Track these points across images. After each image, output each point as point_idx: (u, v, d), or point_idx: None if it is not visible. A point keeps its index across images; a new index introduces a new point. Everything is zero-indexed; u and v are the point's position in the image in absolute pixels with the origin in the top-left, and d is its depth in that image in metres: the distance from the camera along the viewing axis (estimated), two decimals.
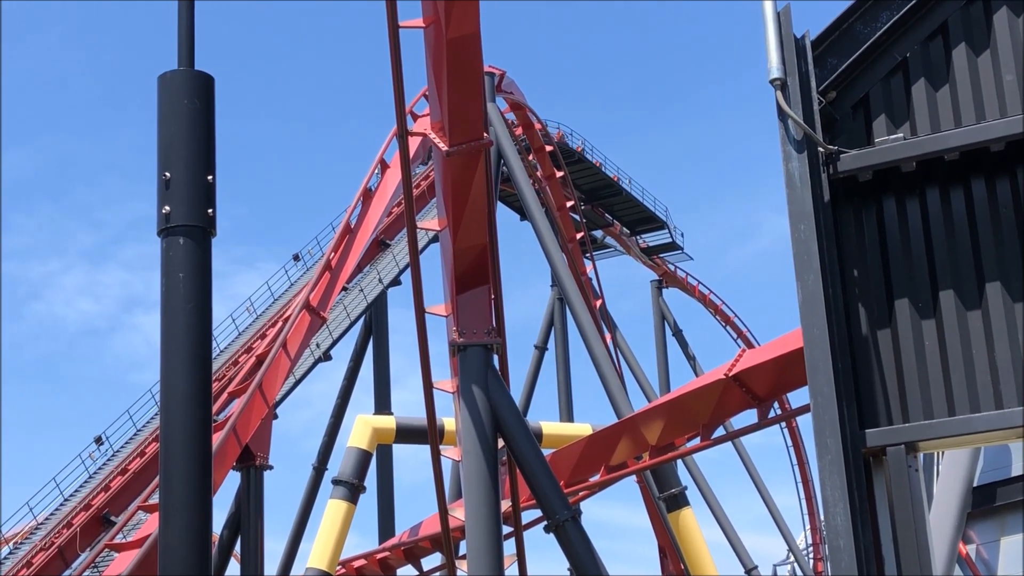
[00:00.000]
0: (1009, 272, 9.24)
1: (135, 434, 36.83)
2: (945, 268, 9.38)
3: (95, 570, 30.39)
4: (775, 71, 9.47)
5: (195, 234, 9.14)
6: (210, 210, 9.21)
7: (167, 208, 9.08)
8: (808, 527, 53.14)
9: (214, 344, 38.22)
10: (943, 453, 17.65)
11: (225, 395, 25.71)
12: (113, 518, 32.11)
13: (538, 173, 35.24)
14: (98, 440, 36.66)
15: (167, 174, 9.10)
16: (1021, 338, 9.10)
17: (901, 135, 9.56)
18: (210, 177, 9.23)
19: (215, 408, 25.84)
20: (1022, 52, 9.49)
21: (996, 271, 9.27)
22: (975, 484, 17.67)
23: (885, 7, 9.76)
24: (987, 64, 9.55)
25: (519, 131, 35.11)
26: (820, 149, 9.53)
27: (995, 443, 12.33)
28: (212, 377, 9.07)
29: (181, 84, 9.37)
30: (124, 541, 23.68)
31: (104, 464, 35.98)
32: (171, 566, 8.33)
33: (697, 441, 20.19)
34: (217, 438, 22.73)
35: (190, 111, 9.24)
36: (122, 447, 36.52)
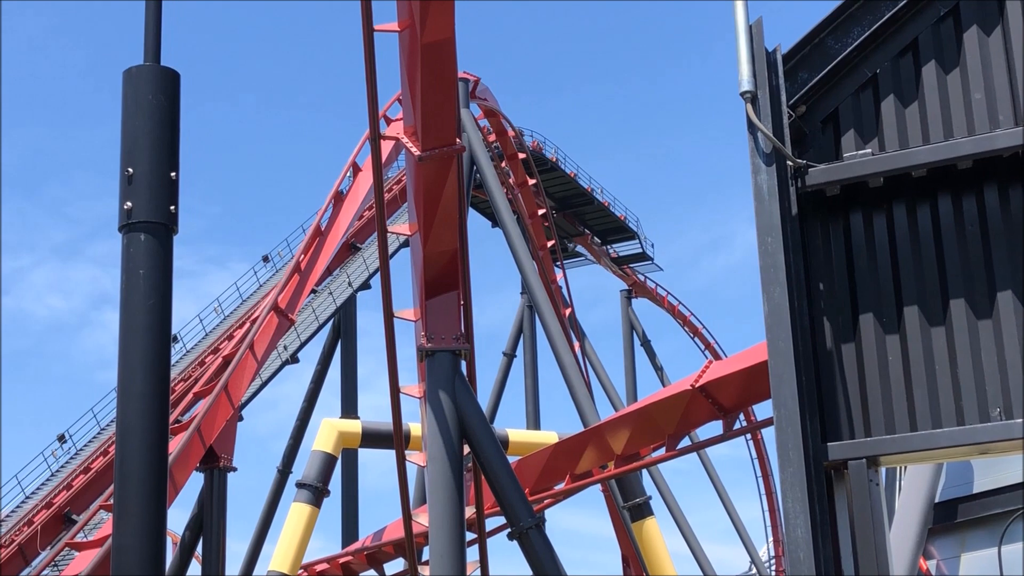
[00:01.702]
0: (973, 289, 9.30)
1: (98, 433, 36.64)
2: (910, 284, 9.44)
3: (55, 568, 30.19)
4: (746, 84, 9.51)
5: (157, 231, 9.09)
6: (172, 207, 9.17)
7: (129, 204, 9.04)
8: (771, 539, 53.32)
9: (181, 344, 38.11)
10: (905, 468, 17.74)
11: (190, 396, 25.62)
12: (74, 517, 31.91)
13: (510, 180, 35.27)
14: (61, 438, 36.46)
15: (130, 170, 9.06)
16: (984, 355, 9.17)
17: (869, 151, 9.61)
18: (173, 174, 9.19)
19: (180, 409, 25.77)
20: (993, 71, 9.57)
21: (961, 288, 9.33)
22: (937, 500, 17.76)
23: (856, 23, 9.82)
24: (956, 82, 9.62)
25: (492, 137, 35.14)
26: (789, 163, 9.57)
27: (956, 459, 12.40)
28: (171, 375, 9.03)
29: (146, 79, 9.32)
30: (85, 540, 23.57)
31: (67, 463, 35.77)
32: (124, 566, 8.27)
33: (663, 451, 20.23)
34: (181, 439, 22.67)
35: (155, 107, 9.20)
36: (85, 446, 36.32)
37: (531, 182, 35.66)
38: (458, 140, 15.41)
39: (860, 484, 9.06)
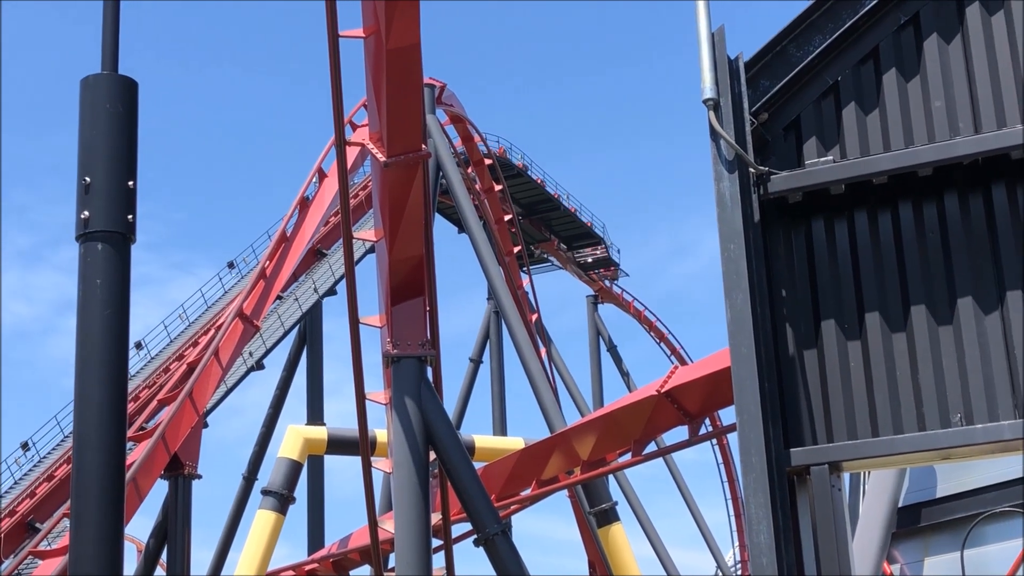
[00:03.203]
0: (934, 295, 9.37)
1: (62, 440, 36.34)
2: (872, 290, 9.50)
3: None
4: (708, 91, 9.54)
5: (114, 240, 9.05)
6: (130, 216, 9.12)
7: (86, 213, 8.99)
8: (737, 544, 53.47)
9: (145, 351, 37.86)
10: (869, 473, 17.84)
11: (155, 403, 25.50)
12: (38, 525, 31.64)
13: (476, 186, 35.26)
14: (24, 446, 36.18)
15: (87, 179, 9.00)
16: (944, 361, 9.23)
17: (831, 158, 9.67)
18: (131, 183, 9.15)
19: (145, 416, 25.64)
20: (953, 78, 9.65)
21: (921, 294, 9.40)
22: (900, 504, 17.87)
23: (818, 31, 9.88)
24: (916, 90, 9.69)
25: (459, 143, 35.13)
26: (751, 170, 9.61)
27: (917, 464, 12.49)
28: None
29: (104, 88, 9.28)
30: (48, 548, 23.43)
31: (30, 470, 35.50)
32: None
33: (628, 457, 20.28)
34: (145, 446, 22.57)
35: (112, 116, 9.15)
36: (48, 453, 36.04)
37: (497, 188, 35.67)
38: (423, 146, 15.42)
39: (822, 489, 9.10)
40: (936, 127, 9.54)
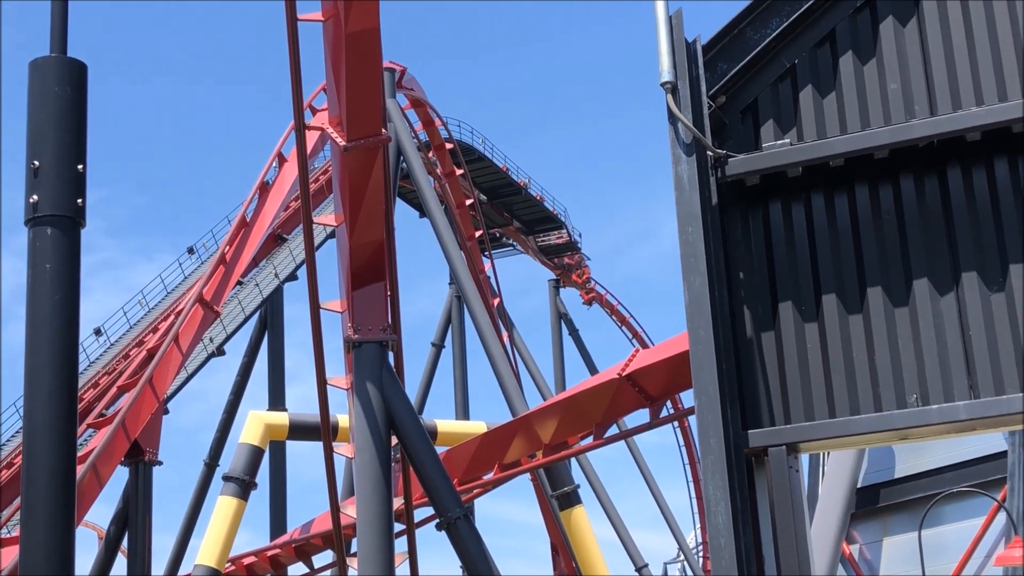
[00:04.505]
0: (890, 277, 9.44)
1: (20, 429, 36.04)
2: (828, 272, 9.56)
3: None
4: (666, 74, 9.56)
5: (63, 224, 8.97)
6: (80, 200, 9.04)
7: (35, 197, 8.91)
8: (699, 526, 53.74)
9: (105, 337, 37.60)
10: (829, 454, 17.99)
11: (114, 389, 25.31)
12: None
13: (438, 170, 35.17)
14: None
15: (36, 163, 8.92)
16: (900, 342, 9.31)
17: (788, 140, 9.72)
18: (80, 167, 9.06)
19: (104, 402, 25.46)
20: (908, 61, 9.70)
21: (878, 276, 9.47)
22: (859, 485, 18.04)
23: (775, 13, 9.91)
24: (872, 72, 9.75)
25: (419, 128, 35.01)
26: (709, 153, 9.64)
27: (874, 445, 12.60)
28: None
29: (52, 71, 9.19)
30: (7, 536, 23.24)
31: None
32: (33, 565, 8.12)
33: (590, 440, 20.30)
34: (105, 433, 22.41)
35: (61, 99, 9.06)
36: (7, 441, 35.74)
37: (458, 172, 35.58)
38: (383, 130, 15.36)
39: (780, 471, 9.17)
40: (892, 109, 9.61)
